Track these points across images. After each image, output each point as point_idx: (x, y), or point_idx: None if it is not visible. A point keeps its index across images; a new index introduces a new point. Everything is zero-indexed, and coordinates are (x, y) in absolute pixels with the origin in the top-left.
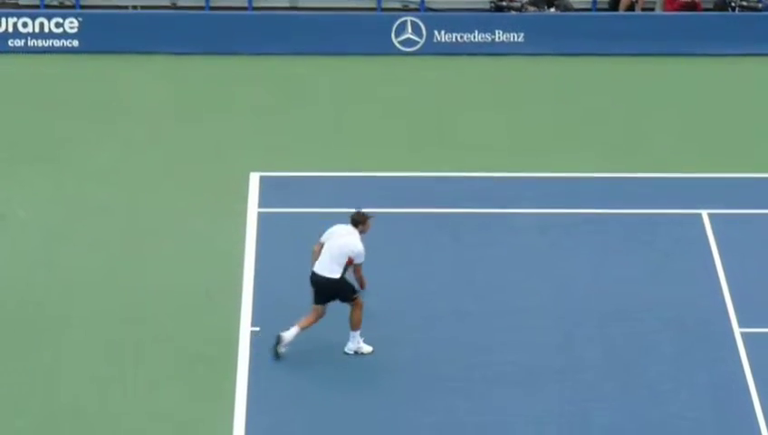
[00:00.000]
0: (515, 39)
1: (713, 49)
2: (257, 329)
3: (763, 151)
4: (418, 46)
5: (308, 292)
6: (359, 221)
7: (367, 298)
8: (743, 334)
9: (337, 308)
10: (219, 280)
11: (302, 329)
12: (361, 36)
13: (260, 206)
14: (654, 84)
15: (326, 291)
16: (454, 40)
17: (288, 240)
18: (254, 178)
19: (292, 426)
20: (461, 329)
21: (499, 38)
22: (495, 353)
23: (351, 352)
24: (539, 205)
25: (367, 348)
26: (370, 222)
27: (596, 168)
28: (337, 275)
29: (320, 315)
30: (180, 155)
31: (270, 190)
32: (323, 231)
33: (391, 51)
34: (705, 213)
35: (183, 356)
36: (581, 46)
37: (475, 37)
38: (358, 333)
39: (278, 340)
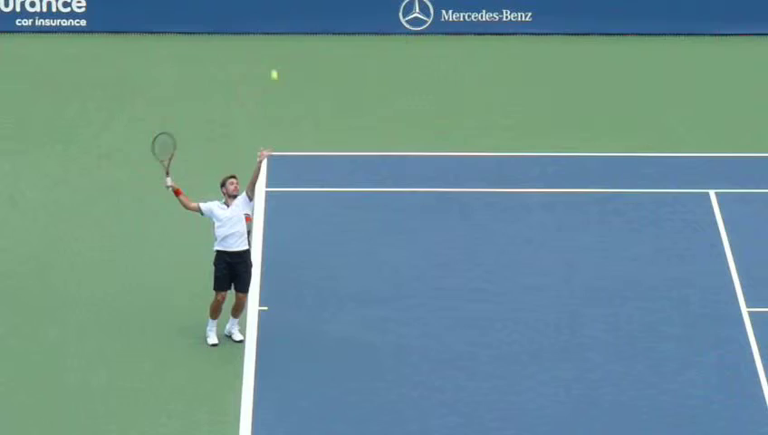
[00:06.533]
0: (523, 18)
1: (722, 28)
2: (265, 308)
3: None
4: (426, 25)
5: (315, 270)
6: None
7: (375, 278)
8: (750, 313)
9: (343, 289)
10: None
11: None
12: (369, 15)
13: (268, 185)
14: (662, 64)
15: None
16: (461, 19)
17: (296, 219)
18: None
19: (301, 402)
20: (469, 307)
21: (507, 17)
22: (503, 332)
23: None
24: (546, 184)
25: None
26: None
27: (604, 147)
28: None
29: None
30: (189, 134)
31: (278, 170)
32: (331, 210)
33: (399, 30)
34: (712, 192)
35: (190, 334)
36: (589, 25)
37: (482, 16)
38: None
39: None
